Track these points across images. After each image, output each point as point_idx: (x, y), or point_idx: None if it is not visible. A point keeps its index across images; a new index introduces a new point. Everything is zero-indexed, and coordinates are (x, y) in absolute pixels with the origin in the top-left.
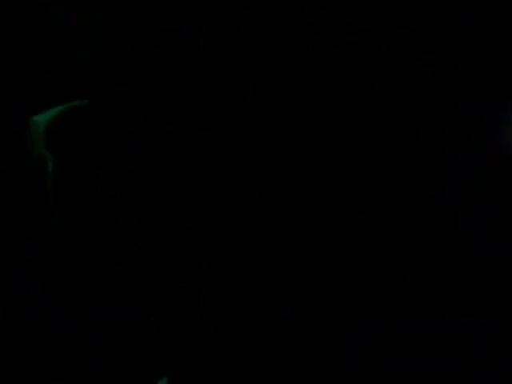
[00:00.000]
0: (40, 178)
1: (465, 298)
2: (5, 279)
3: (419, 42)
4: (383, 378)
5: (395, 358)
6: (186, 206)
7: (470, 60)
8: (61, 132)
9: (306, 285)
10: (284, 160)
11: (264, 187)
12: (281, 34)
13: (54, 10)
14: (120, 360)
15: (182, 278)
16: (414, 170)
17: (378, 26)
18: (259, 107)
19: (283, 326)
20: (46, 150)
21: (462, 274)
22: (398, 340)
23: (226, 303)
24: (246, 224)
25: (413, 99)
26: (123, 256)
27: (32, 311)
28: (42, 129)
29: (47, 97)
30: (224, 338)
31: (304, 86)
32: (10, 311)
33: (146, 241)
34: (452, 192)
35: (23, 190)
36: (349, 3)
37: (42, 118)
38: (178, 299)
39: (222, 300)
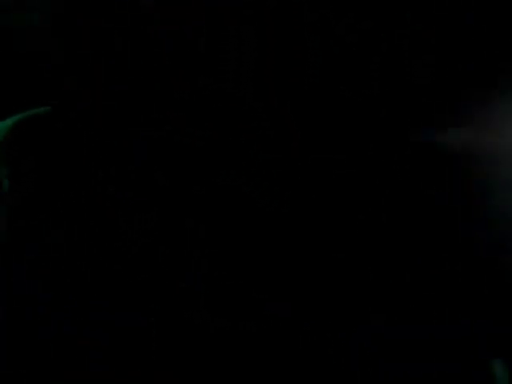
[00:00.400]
0: None
1: (465, 298)
2: (5, 279)
3: (419, 42)
4: (383, 377)
5: (395, 358)
6: (186, 205)
7: (470, 60)
8: (19, 144)
9: (306, 285)
10: (284, 160)
11: (264, 187)
12: (281, 33)
13: None
14: (120, 360)
15: (182, 278)
16: (414, 169)
17: (378, 26)
18: (259, 107)
19: (283, 326)
20: (2, 165)
21: (462, 274)
22: (398, 340)
23: (225, 303)
24: (246, 224)
25: (413, 99)
26: (123, 256)
27: (32, 311)
28: None
29: (46, 97)
30: (224, 338)
31: (304, 86)
32: (10, 311)
33: (146, 241)
34: (452, 192)
35: None
36: (349, 3)
37: None
38: (178, 299)
39: (222, 300)
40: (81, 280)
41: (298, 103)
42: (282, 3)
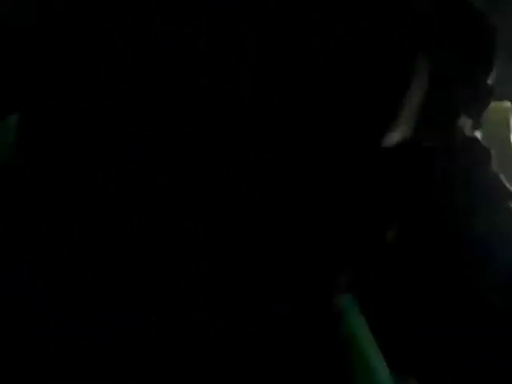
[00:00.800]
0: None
1: (465, 298)
2: (5, 279)
3: (419, 42)
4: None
5: (396, 358)
6: (186, 205)
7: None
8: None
9: (307, 285)
10: (284, 160)
11: (264, 187)
12: (281, 33)
13: None
14: (120, 360)
15: (181, 278)
16: (415, 169)
17: (378, 25)
18: (259, 107)
19: (283, 326)
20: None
21: (463, 274)
22: (399, 340)
23: (225, 303)
24: (246, 224)
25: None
26: (123, 256)
27: (32, 311)
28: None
29: (46, 97)
30: (224, 338)
31: (304, 86)
32: (10, 311)
33: (146, 241)
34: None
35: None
36: (349, 3)
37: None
38: (178, 299)
39: (222, 300)
40: (81, 280)
41: (297, 103)
42: (282, 3)
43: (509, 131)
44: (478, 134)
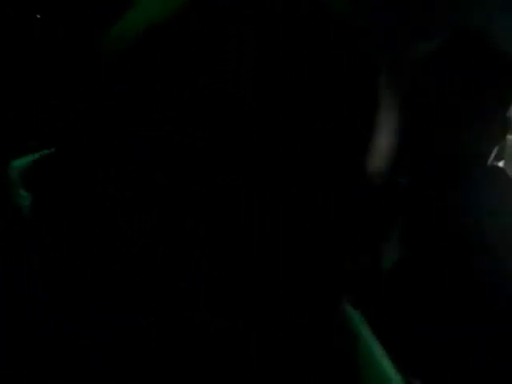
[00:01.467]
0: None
1: (466, 298)
2: (5, 279)
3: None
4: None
5: (397, 358)
6: (186, 205)
7: None
8: (35, 175)
9: (306, 285)
10: (284, 160)
11: (264, 187)
12: (281, 33)
13: None
14: (120, 360)
15: (182, 278)
16: (419, 175)
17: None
18: (259, 107)
19: (284, 327)
20: (24, 190)
21: (464, 275)
22: (400, 340)
23: (226, 303)
24: (247, 224)
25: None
26: (123, 256)
27: (32, 311)
28: (17, 174)
29: (46, 97)
30: (224, 338)
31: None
32: (10, 311)
33: (146, 241)
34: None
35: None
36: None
37: (16, 164)
38: (178, 299)
39: (222, 300)
40: (81, 280)
41: (298, 103)
42: (282, 3)
43: None
44: (501, 164)
